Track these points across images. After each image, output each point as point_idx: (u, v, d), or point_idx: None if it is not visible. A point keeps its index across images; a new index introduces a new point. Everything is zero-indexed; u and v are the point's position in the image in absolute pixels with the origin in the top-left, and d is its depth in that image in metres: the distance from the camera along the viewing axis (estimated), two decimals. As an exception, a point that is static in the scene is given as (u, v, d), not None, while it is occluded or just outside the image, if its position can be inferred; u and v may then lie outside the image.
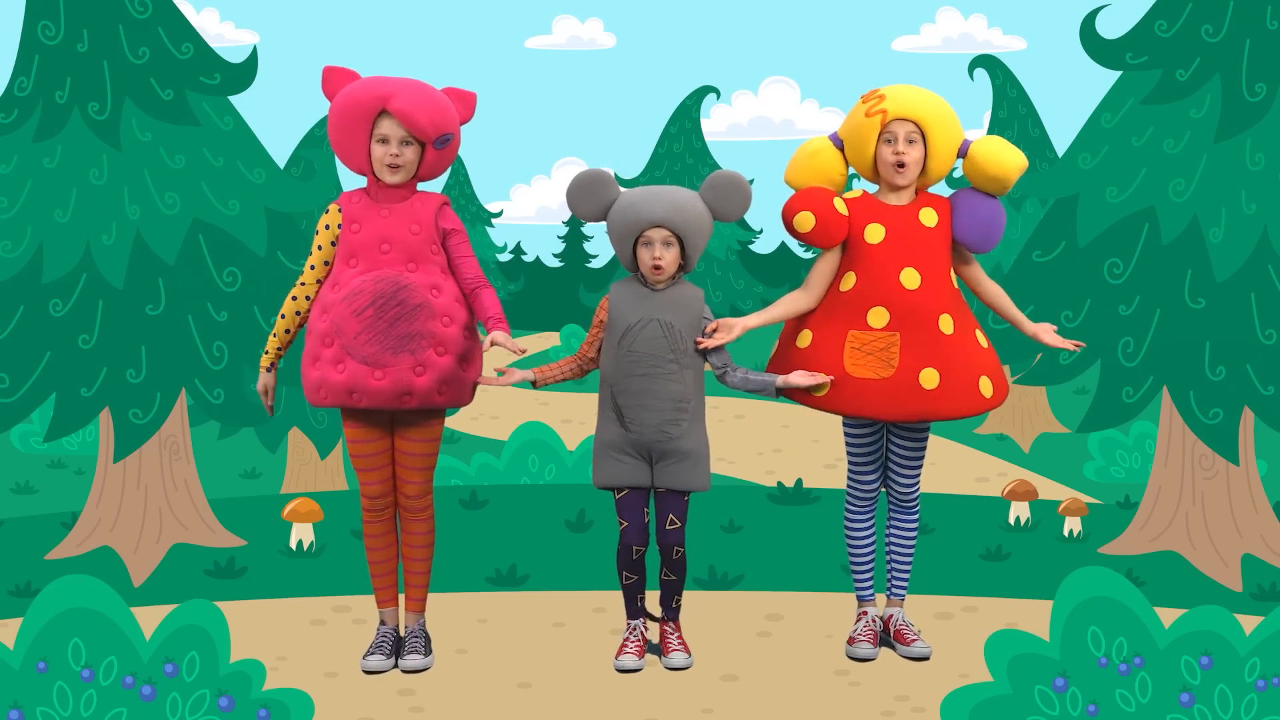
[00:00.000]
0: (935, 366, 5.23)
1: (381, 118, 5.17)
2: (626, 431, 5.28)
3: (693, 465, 5.32)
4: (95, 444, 10.76)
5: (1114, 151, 7.16)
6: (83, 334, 7.10)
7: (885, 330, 5.25)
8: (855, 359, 5.27)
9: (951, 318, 5.29)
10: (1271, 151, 6.84)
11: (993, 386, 5.35)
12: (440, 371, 5.18)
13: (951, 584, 6.59)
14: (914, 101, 5.26)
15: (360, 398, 5.16)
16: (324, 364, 5.19)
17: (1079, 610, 4.09)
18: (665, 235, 5.21)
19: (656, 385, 5.23)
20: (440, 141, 5.22)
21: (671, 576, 5.46)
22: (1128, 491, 9.12)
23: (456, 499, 8.47)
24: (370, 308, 5.11)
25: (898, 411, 5.25)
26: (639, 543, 5.39)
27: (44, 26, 7.16)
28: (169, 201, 7.20)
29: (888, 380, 5.23)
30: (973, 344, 5.35)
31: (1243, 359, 6.85)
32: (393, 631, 5.53)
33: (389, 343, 5.11)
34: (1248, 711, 4.04)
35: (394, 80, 5.22)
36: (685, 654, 5.48)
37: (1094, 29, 7.19)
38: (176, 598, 5.89)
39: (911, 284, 5.24)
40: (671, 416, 5.25)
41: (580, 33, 34.01)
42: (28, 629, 4.04)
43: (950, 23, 31.35)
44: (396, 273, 5.15)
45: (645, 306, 5.26)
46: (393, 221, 5.20)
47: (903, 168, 5.25)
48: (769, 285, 22.09)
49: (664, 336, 5.23)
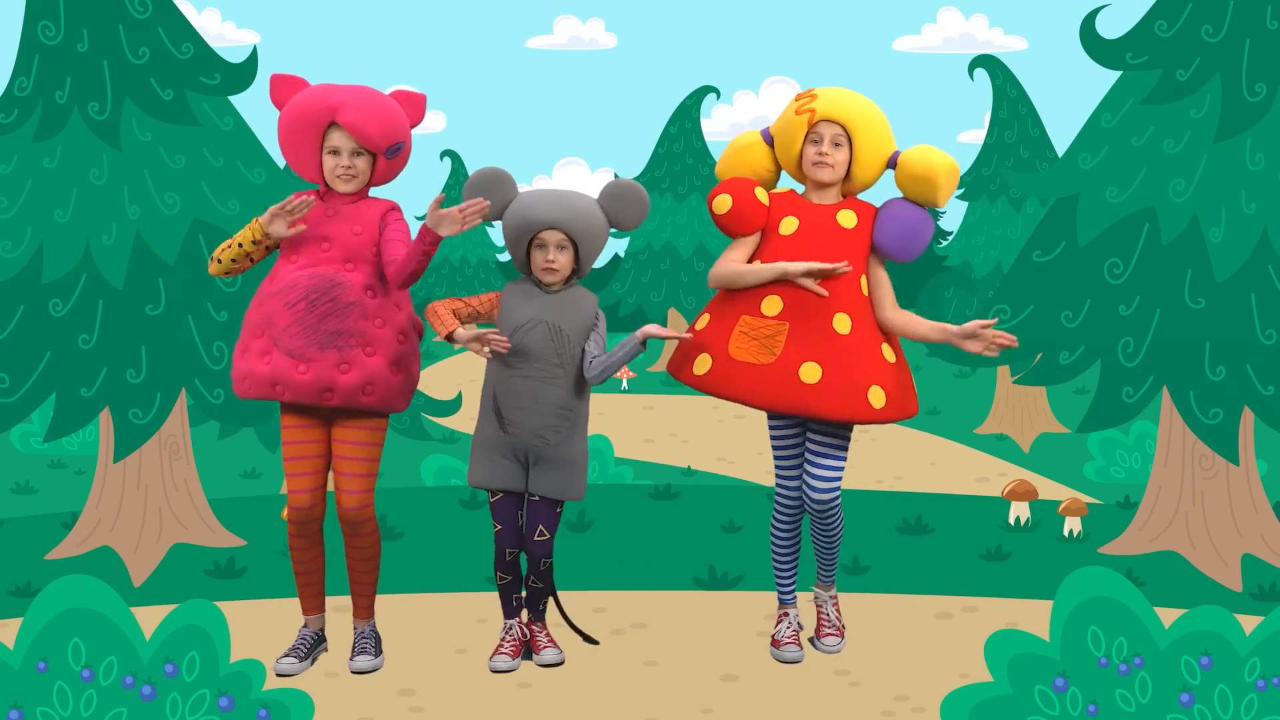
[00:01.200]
0: (818, 361, 5.14)
1: (331, 129, 5.15)
2: (504, 433, 5.25)
3: (568, 474, 5.28)
4: (95, 444, 10.76)
5: (1114, 151, 7.16)
6: (83, 334, 7.10)
7: (776, 319, 5.20)
8: (740, 342, 5.22)
9: (850, 319, 5.20)
10: (1271, 151, 6.84)
11: (885, 399, 5.19)
12: (366, 371, 5.12)
13: (951, 584, 6.59)
14: (843, 104, 5.23)
15: (283, 390, 5.12)
16: (252, 355, 5.17)
17: (1079, 610, 4.09)
18: (560, 238, 5.21)
19: (539, 389, 5.20)
20: (391, 151, 5.21)
21: (538, 585, 5.47)
22: (1128, 491, 9.12)
23: (456, 499, 8.47)
24: (303, 301, 5.08)
25: (771, 400, 5.18)
26: (512, 545, 5.38)
27: (44, 26, 7.16)
28: (169, 201, 7.20)
29: (766, 367, 5.17)
30: (870, 351, 5.22)
31: (1243, 359, 6.85)
32: (313, 635, 5.50)
33: (316, 338, 5.08)
34: (1248, 711, 4.04)
35: (343, 89, 5.19)
36: (556, 649, 5.48)
37: (1094, 29, 7.19)
38: (176, 598, 5.89)
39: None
40: (552, 422, 5.22)
41: (581, 33, 34.00)
42: (28, 629, 4.03)
43: (951, 23, 31.33)
44: (334, 270, 5.12)
45: (535, 307, 5.23)
46: (337, 222, 5.18)
47: (826, 167, 5.23)
48: (769, 285, 22.06)
49: (551, 340, 5.20)
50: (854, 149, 5.24)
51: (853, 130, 5.22)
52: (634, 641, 5.81)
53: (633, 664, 5.54)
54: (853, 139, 5.23)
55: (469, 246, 22.15)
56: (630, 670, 5.47)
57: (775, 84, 33.51)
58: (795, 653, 5.51)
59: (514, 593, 5.50)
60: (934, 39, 31.00)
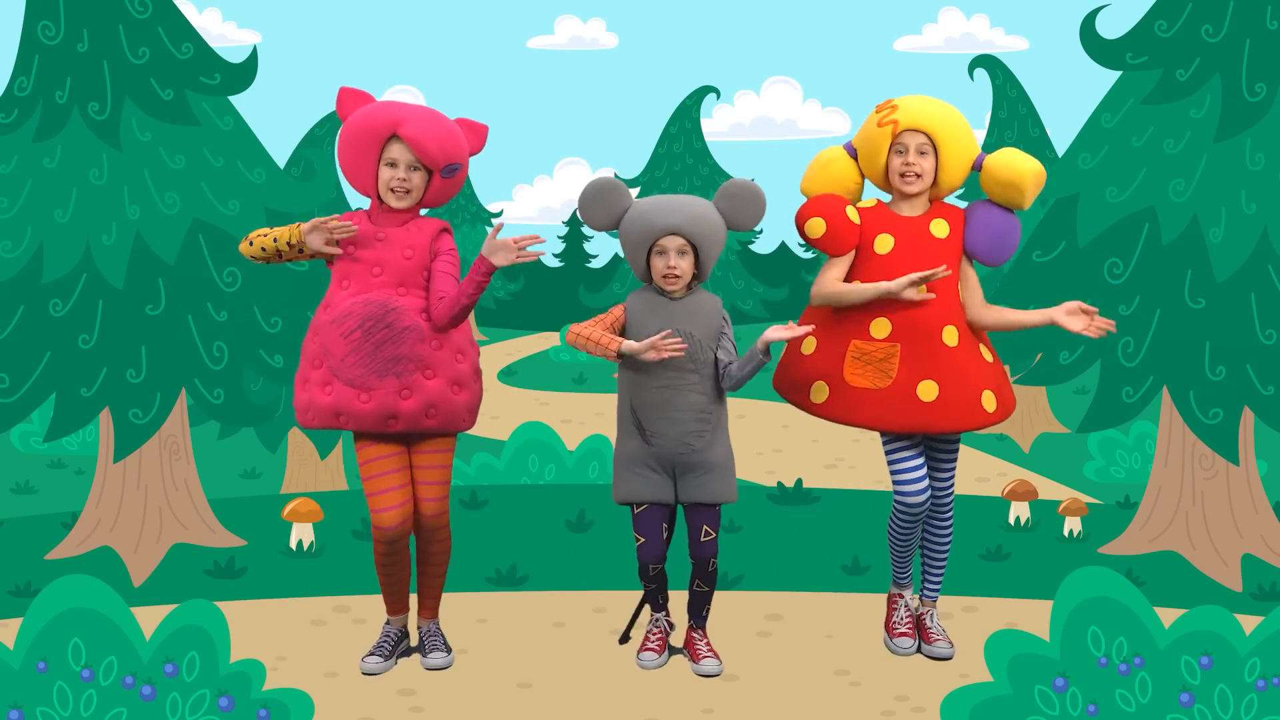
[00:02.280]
0: (934, 379, 5.21)
1: (392, 142, 5.17)
2: (649, 445, 5.23)
3: (719, 476, 5.27)
4: (95, 444, 10.76)
5: (1114, 151, 7.16)
6: (83, 334, 7.10)
7: (886, 341, 5.23)
8: (855, 368, 5.26)
9: (956, 330, 5.26)
10: (1271, 151, 6.84)
11: (996, 401, 5.31)
12: (427, 395, 5.15)
13: (951, 584, 6.58)
14: (926, 113, 5.24)
15: (347, 420, 5.14)
16: (312, 386, 5.19)
17: (1079, 610, 4.09)
18: (680, 244, 5.17)
19: (678, 397, 5.18)
20: (448, 171, 5.23)
21: (704, 588, 5.44)
22: (1128, 491, 9.12)
23: (457, 499, 8.47)
24: (358, 330, 5.10)
25: (893, 423, 5.24)
26: (656, 560, 5.36)
27: (44, 26, 7.16)
28: (169, 201, 7.20)
29: (884, 391, 5.22)
30: (976, 358, 5.31)
31: (1243, 359, 6.85)
32: (397, 633, 5.52)
33: (375, 365, 5.09)
34: (1248, 711, 4.04)
35: (408, 106, 5.23)
36: (716, 660, 5.44)
37: (1094, 29, 7.19)
38: (176, 598, 5.89)
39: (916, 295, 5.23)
40: (694, 428, 5.21)
41: (582, 33, 33.99)
42: (28, 629, 4.04)
43: (952, 23, 31.34)
44: (386, 296, 5.13)
45: (664, 317, 5.21)
46: (387, 246, 5.19)
47: (914, 178, 5.24)
48: (769, 285, 22.09)
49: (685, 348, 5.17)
50: (939, 156, 5.25)
51: (937, 138, 5.23)
52: (634, 641, 5.81)
53: (633, 664, 5.53)
54: (938, 146, 5.24)
55: (469, 247, 22.14)
56: (630, 670, 5.47)
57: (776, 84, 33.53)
58: (908, 645, 5.58)
59: (660, 594, 5.51)
60: (935, 39, 31.03)
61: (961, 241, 5.32)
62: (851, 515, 7.99)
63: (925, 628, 5.65)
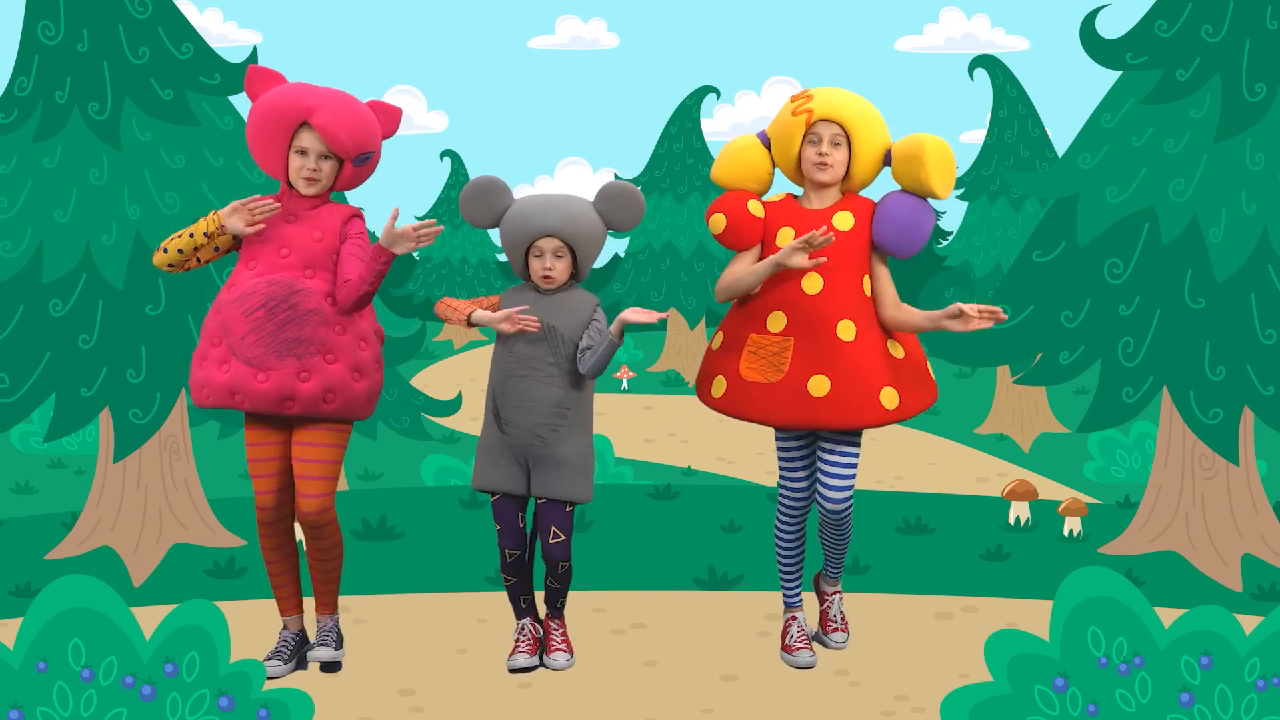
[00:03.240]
0: (826, 374, 5.13)
1: (302, 129, 5.10)
2: (503, 434, 5.25)
3: (569, 474, 5.25)
4: (95, 444, 10.77)
5: (1114, 151, 7.16)
6: (83, 334, 7.10)
7: (781, 335, 5.19)
8: (749, 362, 5.23)
9: (854, 324, 5.17)
10: (1271, 151, 6.84)
11: (899, 398, 5.19)
12: (327, 379, 5.06)
13: (951, 584, 6.59)
14: (840, 103, 5.21)
15: (242, 400, 5.06)
16: (210, 363, 5.10)
17: (1079, 610, 4.09)
18: (556, 245, 5.20)
19: (534, 388, 5.19)
20: (359, 159, 5.17)
21: (556, 586, 5.45)
22: (1128, 491, 9.12)
23: (456, 499, 8.47)
24: (261, 309, 5.02)
25: (782, 418, 5.18)
26: (513, 546, 5.35)
27: (44, 26, 7.16)
28: (169, 201, 7.20)
29: (775, 385, 5.17)
30: (877, 353, 5.19)
31: (1243, 359, 6.85)
32: (294, 636, 5.46)
33: (275, 346, 5.01)
34: (1248, 711, 4.04)
35: (319, 91, 5.14)
36: (567, 654, 5.45)
37: (1094, 29, 7.19)
38: (176, 598, 5.89)
39: (812, 289, 5.16)
40: (549, 421, 5.20)
41: (583, 33, 34.00)
42: (28, 629, 4.03)
43: (953, 23, 31.35)
44: (293, 277, 5.07)
45: (531, 310, 5.21)
46: (296, 227, 5.13)
47: (825, 168, 5.21)
48: (769, 285, 22.06)
49: (545, 340, 5.19)
50: (853, 147, 5.22)
51: (851, 129, 5.20)
52: (634, 641, 5.81)
53: (633, 664, 5.54)
54: (851, 137, 5.21)
55: (469, 247, 22.17)
56: (630, 670, 5.47)
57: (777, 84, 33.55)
58: (809, 657, 5.50)
59: (522, 594, 5.48)
60: (936, 39, 31.03)
61: (867, 234, 5.23)
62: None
63: (826, 617, 5.65)
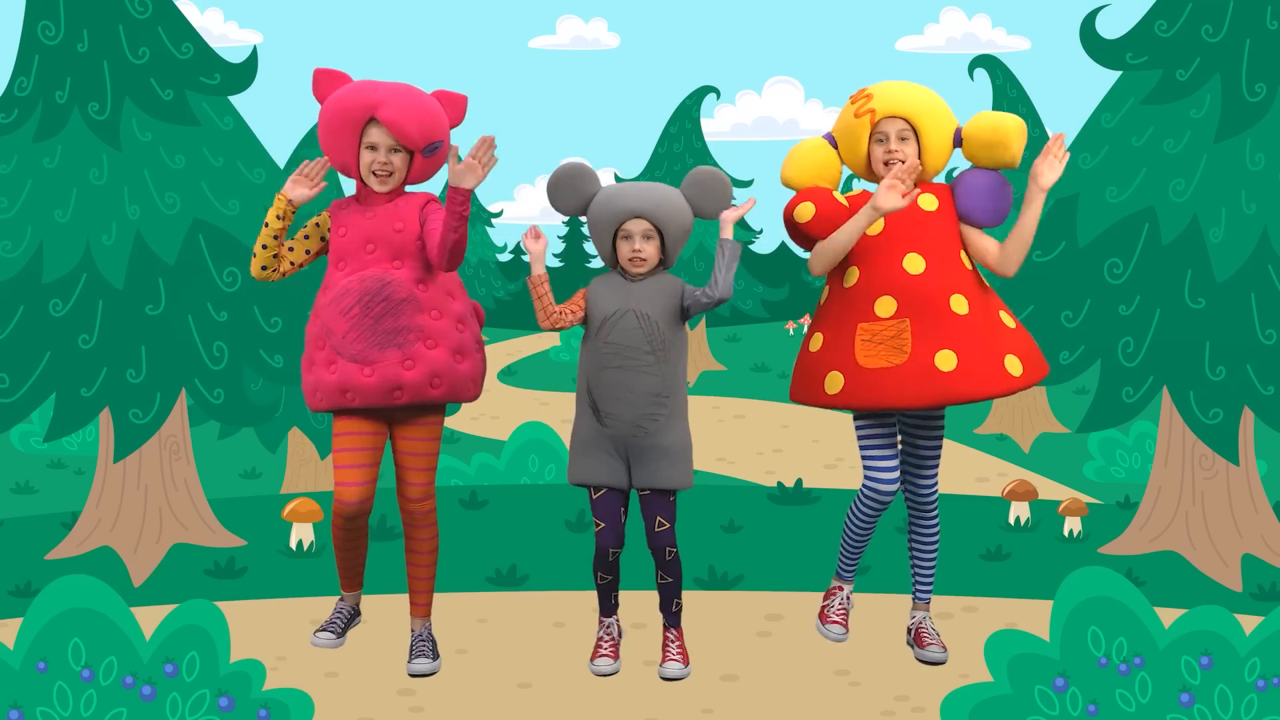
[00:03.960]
0: (951, 348, 5.08)
1: (370, 125, 5.15)
2: (603, 427, 5.21)
3: (672, 462, 5.21)
4: (95, 444, 10.77)
5: (1114, 151, 7.16)
6: (83, 334, 7.10)
7: (894, 318, 5.13)
8: (867, 350, 5.14)
9: (965, 298, 5.15)
10: (1271, 151, 6.84)
11: (1022, 365, 5.17)
12: (431, 365, 5.12)
13: (951, 584, 6.59)
14: (902, 98, 5.20)
15: (353, 396, 5.12)
16: (318, 367, 5.17)
17: (1079, 610, 4.09)
18: (645, 228, 5.17)
19: (632, 378, 5.15)
20: (429, 149, 5.20)
21: (667, 579, 5.39)
22: (1128, 491, 9.12)
23: (456, 499, 8.47)
24: (356, 306, 5.09)
25: (916, 397, 5.08)
26: (614, 544, 5.32)
27: (44, 26, 7.16)
28: (169, 201, 7.20)
29: (901, 367, 5.08)
30: (994, 322, 5.19)
31: (1243, 359, 6.85)
32: (350, 609, 5.50)
33: (375, 339, 5.08)
34: (1248, 711, 4.04)
35: (384, 86, 5.18)
36: (681, 664, 5.39)
37: (1094, 29, 7.19)
38: (176, 598, 5.89)
39: (915, 269, 5.14)
40: (648, 411, 5.16)
41: (584, 33, 34.02)
42: (28, 629, 4.04)
43: (954, 23, 31.37)
44: (382, 270, 5.12)
45: (622, 298, 5.20)
46: (377, 222, 5.18)
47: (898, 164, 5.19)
48: (769, 285, 22.07)
49: (640, 328, 5.16)
50: (921, 139, 5.20)
51: (916, 121, 5.18)
52: (634, 641, 5.81)
53: (633, 664, 5.53)
54: (918, 130, 5.18)
55: (469, 247, 22.17)
56: (630, 670, 5.47)
57: (778, 84, 33.55)
58: (839, 632, 5.49)
59: (613, 592, 5.47)
60: (937, 39, 31.03)
61: (953, 213, 5.24)
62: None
63: (921, 631, 5.60)
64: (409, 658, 5.44)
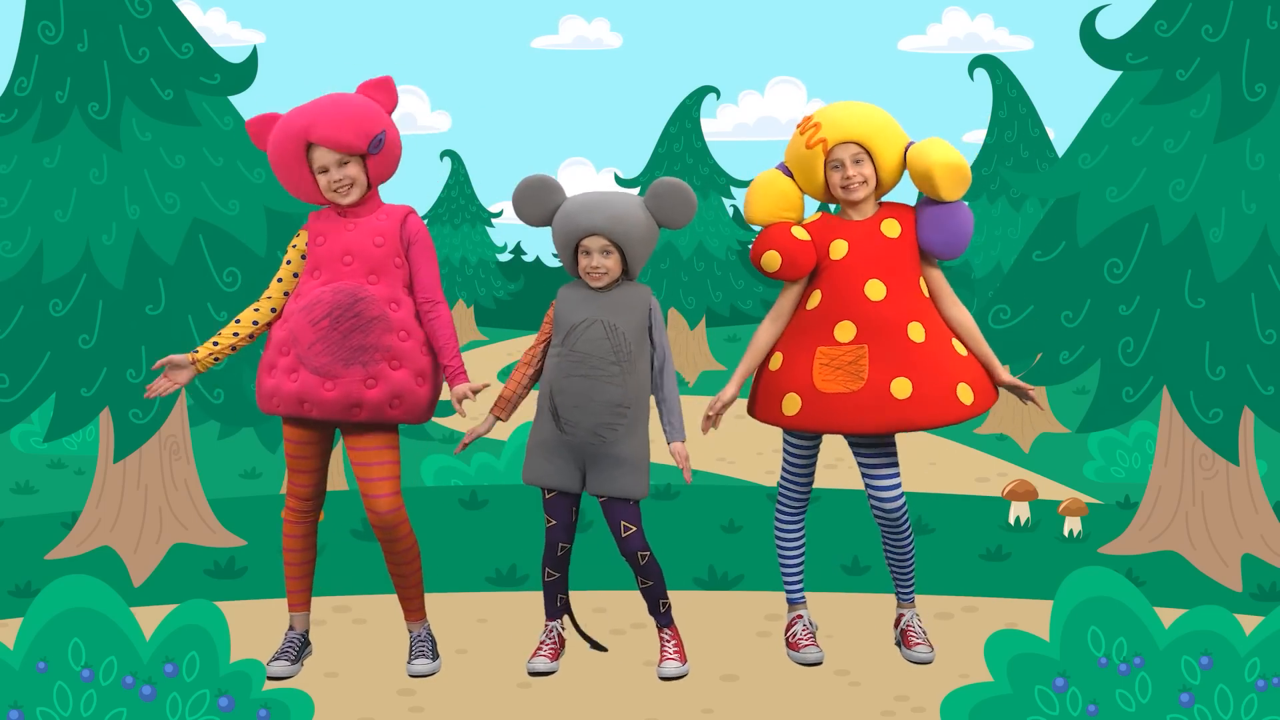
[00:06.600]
0: (906, 376, 5.16)
1: (311, 150, 5.15)
2: (561, 432, 5.24)
3: (627, 471, 5.24)
4: (95, 444, 10.75)
5: (1114, 151, 7.16)
6: (83, 334, 7.10)
7: (853, 343, 5.20)
8: (824, 374, 5.21)
9: (922, 326, 5.23)
10: (1271, 151, 6.84)
11: (973, 393, 5.27)
12: (393, 385, 5.14)
13: (951, 584, 6.59)
14: (851, 122, 5.21)
15: (311, 408, 5.13)
16: (279, 372, 5.17)
17: (1079, 610, 4.09)
18: (603, 244, 5.18)
19: (595, 387, 5.17)
20: (374, 145, 5.19)
21: (647, 583, 5.42)
22: (1128, 491, 9.11)
23: (456, 499, 8.47)
24: (326, 318, 5.09)
25: (872, 424, 5.17)
26: (565, 540, 5.40)
27: (44, 26, 7.16)
28: (169, 201, 7.20)
29: (858, 393, 5.16)
30: (947, 351, 5.27)
31: (1243, 359, 6.84)
32: (300, 636, 5.51)
33: (341, 354, 5.08)
34: (1248, 711, 4.04)
35: (308, 108, 5.18)
36: (678, 662, 5.40)
37: (1094, 29, 7.19)
38: (176, 598, 5.89)
39: (876, 295, 5.20)
40: (608, 420, 5.19)
41: (587, 33, 33.97)
42: (28, 629, 4.04)
43: (957, 23, 31.30)
44: (356, 284, 5.13)
45: (590, 307, 5.22)
46: (357, 234, 5.18)
47: (857, 186, 5.22)
48: (769, 285, 22.05)
49: (607, 339, 5.18)
50: (875, 159, 5.23)
51: (869, 143, 5.20)
52: (634, 641, 5.81)
53: (633, 664, 5.54)
54: (871, 151, 5.21)
55: (469, 247, 22.16)
56: (630, 670, 5.47)
57: (780, 84, 33.52)
58: (816, 654, 5.50)
59: (559, 592, 5.50)
60: (939, 39, 30.98)
61: (914, 238, 5.29)
62: (851, 515, 7.98)
63: (908, 631, 5.60)
64: (409, 658, 5.45)
